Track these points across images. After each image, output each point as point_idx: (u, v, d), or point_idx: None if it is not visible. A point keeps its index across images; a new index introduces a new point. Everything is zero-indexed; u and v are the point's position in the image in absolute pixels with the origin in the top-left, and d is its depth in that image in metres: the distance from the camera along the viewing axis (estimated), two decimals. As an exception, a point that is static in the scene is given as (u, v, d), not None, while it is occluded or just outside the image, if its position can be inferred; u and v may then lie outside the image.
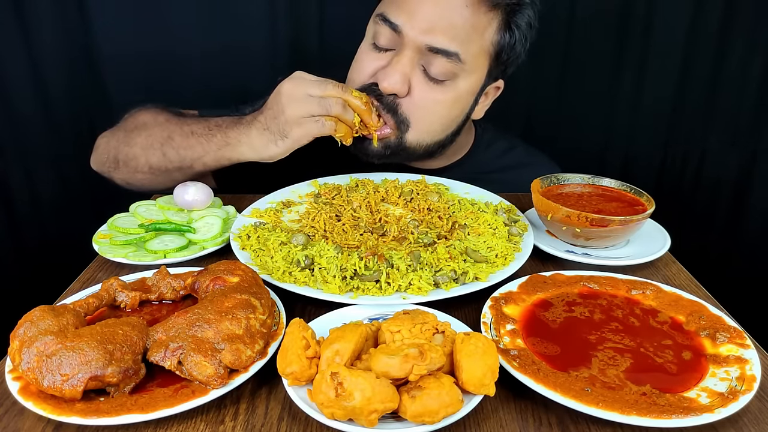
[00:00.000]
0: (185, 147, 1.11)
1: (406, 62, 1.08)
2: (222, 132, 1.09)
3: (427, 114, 1.12)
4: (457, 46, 1.06)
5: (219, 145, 1.09)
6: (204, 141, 1.10)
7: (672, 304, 0.84)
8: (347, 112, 1.02)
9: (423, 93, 1.10)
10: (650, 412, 0.63)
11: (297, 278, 0.86)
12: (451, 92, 1.12)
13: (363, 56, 1.17)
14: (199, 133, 1.11)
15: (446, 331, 0.69)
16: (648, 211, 0.99)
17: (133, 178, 1.20)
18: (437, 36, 1.06)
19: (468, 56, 1.08)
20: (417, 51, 1.08)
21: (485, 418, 0.66)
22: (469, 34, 1.07)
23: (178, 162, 1.12)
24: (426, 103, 1.11)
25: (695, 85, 1.82)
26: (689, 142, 1.90)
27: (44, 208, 1.79)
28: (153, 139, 1.14)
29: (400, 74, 1.08)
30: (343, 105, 1.01)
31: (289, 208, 1.11)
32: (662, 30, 1.75)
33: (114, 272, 0.95)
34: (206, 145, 1.10)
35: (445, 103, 1.13)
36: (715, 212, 1.97)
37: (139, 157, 1.15)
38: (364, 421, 0.59)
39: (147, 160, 1.15)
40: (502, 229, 0.99)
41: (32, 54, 1.63)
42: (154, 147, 1.14)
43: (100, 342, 0.64)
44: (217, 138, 1.09)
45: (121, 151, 1.18)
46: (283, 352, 0.66)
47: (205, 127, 1.11)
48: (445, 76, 1.09)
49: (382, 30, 1.11)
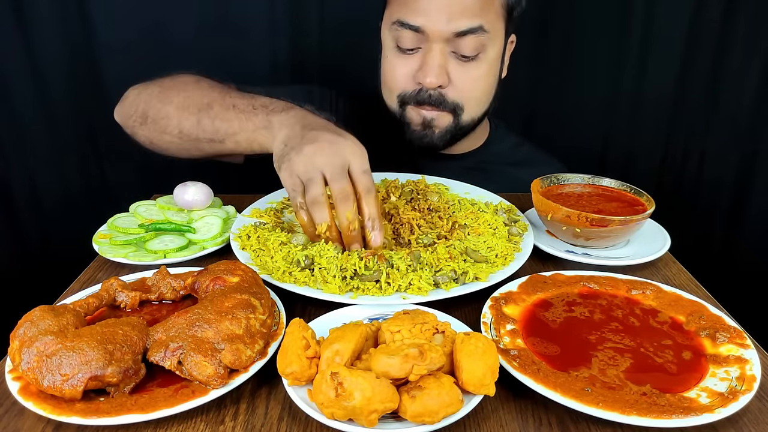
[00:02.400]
0: (223, 119, 1.04)
1: (438, 55, 1.14)
2: (266, 113, 1.00)
3: (472, 92, 1.20)
4: (479, 20, 1.12)
5: (257, 126, 1.00)
6: (243, 117, 1.02)
7: (672, 304, 0.84)
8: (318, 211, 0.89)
9: (462, 76, 1.17)
10: (650, 412, 0.63)
11: (297, 278, 0.86)
12: (485, 64, 1.18)
13: (393, 64, 1.20)
14: (241, 108, 1.03)
15: (446, 331, 0.69)
16: (648, 211, 0.99)
17: (159, 138, 1.13)
18: (459, 20, 1.11)
19: (489, 24, 1.14)
20: (445, 41, 1.13)
21: (485, 418, 0.66)
22: (483, 5, 1.13)
23: (211, 133, 1.05)
24: (468, 84, 1.18)
25: (695, 84, 1.82)
26: (689, 142, 1.90)
27: (44, 208, 1.79)
28: (191, 102, 1.07)
29: (437, 68, 1.14)
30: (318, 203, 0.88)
31: (290, 209, 1.11)
32: (662, 29, 1.74)
33: (114, 272, 0.95)
34: (245, 122, 1.01)
35: (483, 76, 1.20)
36: (716, 212, 1.97)
37: (172, 117, 1.08)
38: (364, 421, 0.59)
39: (179, 123, 1.08)
40: (502, 229, 0.99)
41: (32, 54, 1.62)
42: (190, 111, 1.07)
43: (100, 342, 0.64)
44: (259, 118, 1.00)
45: (153, 106, 1.11)
46: (283, 352, 0.66)
47: (249, 104, 1.03)
48: (476, 51, 1.15)
49: (404, 34, 1.14)
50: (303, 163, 0.89)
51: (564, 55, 1.80)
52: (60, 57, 1.64)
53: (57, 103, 1.69)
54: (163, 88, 1.13)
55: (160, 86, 1.14)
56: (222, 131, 1.04)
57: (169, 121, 1.09)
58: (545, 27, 1.75)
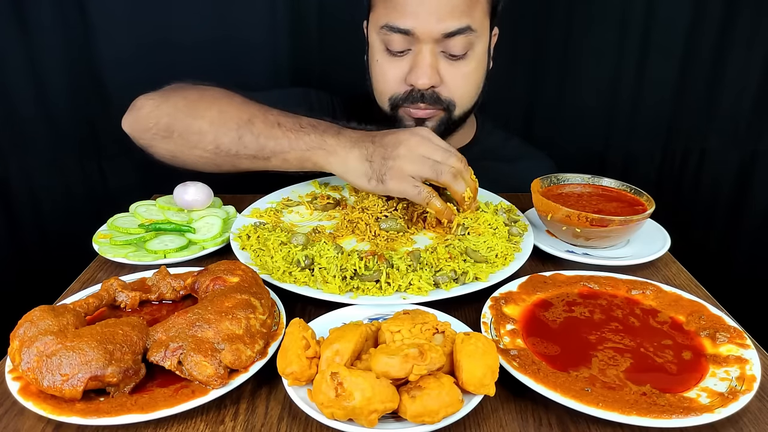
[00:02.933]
0: (268, 136, 1.03)
1: (428, 56, 1.14)
2: (318, 134, 1.02)
3: (464, 89, 1.21)
4: (466, 20, 1.13)
5: (310, 146, 1.02)
6: (293, 136, 1.02)
7: (672, 304, 0.84)
8: (458, 183, 0.98)
9: (453, 75, 1.18)
10: (650, 412, 0.63)
11: (297, 278, 0.86)
12: (473, 60, 1.19)
13: (383, 67, 1.20)
14: (287, 126, 1.04)
15: (446, 331, 0.69)
16: (648, 211, 0.99)
17: (187, 153, 1.08)
18: (448, 21, 1.11)
19: (476, 23, 1.15)
20: (434, 42, 1.13)
21: (485, 418, 0.66)
22: (470, 4, 1.13)
23: (255, 150, 1.04)
24: (459, 81, 1.19)
25: (695, 84, 1.82)
26: (689, 142, 1.90)
27: (44, 208, 1.79)
28: (228, 116, 1.05)
29: (429, 69, 1.14)
30: (455, 175, 0.98)
31: (290, 209, 1.11)
32: (663, 29, 1.74)
33: (114, 272, 0.95)
34: (294, 141, 1.02)
35: (473, 72, 1.21)
36: (716, 212, 1.97)
37: (207, 133, 1.05)
38: (364, 421, 0.59)
39: (215, 139, 1.05)
40: (502, 229, 0.99)
41: (32, 54, 1.62)
42: (228, 126, 1.04)
43: (100, 342, 0.64)
44: (311, 138, 1.02)
45: (180, 120, 1.07)
46: (283, 352, 0.66)
47: (296, 123, 1.04)
48: (465, 49, 1.16)
49: (393, 38, 1.15)
50: (408, 162, 0.97)
51: (564, 55, 1.80)
52: (60, 57, 1.64)
53: (57, 103, 1.68)
54: (189, 101, 1.08)
55: (185, 98, 1.09)
56: (269, 149, 1.03)
57: (203, 137, 1.06)
58: (546, 27, 1.75)
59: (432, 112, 1.21)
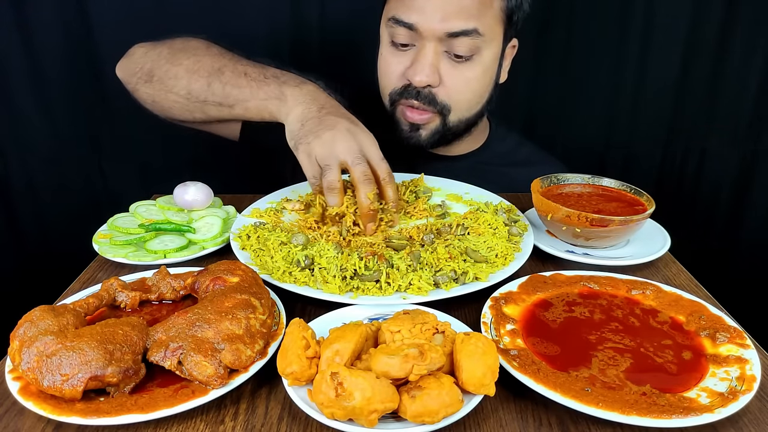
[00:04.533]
0: (234, 84, 1.08)
1: (430, 53, 1.13)
2: (278, 84, 1.05)
3: (463, 93, 1.19)
4: (474, 23, 1.11)
5: (269, 96, 1.05)
6: (255, 85, 1.07)
7: (672, 304, 0.84)
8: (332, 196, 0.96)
9: (454, 77, 1.16)
10: (650, 412, 0.63)
11: (297, 278, 0.86)
12: (479, 66, 1.17)
13: (387, 60, 1.20)
14: (252, 76, 1.08)
15: (446, 331, 0.69)
16: (648, 211, 0.99)
17: (163, 97, 1.16)
18: (453, 21, 1.10)
19: (485, 28, 1.13)
20: (438, 40, 1.12)
21: (485, 418, 0.66)
22: (480, 8, 1.11)
23: (221, 97, 1.09)
24: (459, 85, 1.17)
25: (695, 84, 1.82)
26: (689, 142, 1.90)
27: (44, 208, 1.79)
28: (201, 65, 1.11)
29: (428, 67, 1.13)
30: (333, 189, 0.95)
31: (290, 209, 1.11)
32: (663, 30, 1.75)
33: (114, 272, 0.95)
34: (256, 90, 1.06)
35: (476, 78, 1.18)
36: (715, 212, 1.98)
37: (181, 78, 1.12)
38: (364, 421, 0.59)
39: (188, 84, 1.11)
40: (502, 229, 0.99)
41: (32, 54, 1.63)
42: (200, 74, 1.11)
43: (100, 342, 0.64)
44: (271, 88, 1.05)
45: (160, 66, 1.15)
46: (283, 352, 0.66)
47: (261, 73, 1.08)
48: (470, 52, 1.14)
49: (398, 31, 1.14)
50: (322, 148, 0.95)
51: (565, 55, 1.80)
52: (60, 56, 1.64)
53: (57, 103, 1.69)
54: (173, 50, 1.16)
55: (170, 47, 1.17)
56: (233, 96, 1.08)
57: (178, 82, 1.12)
58: (546, 27, 1.75)
59: (426, 117, 1.19)
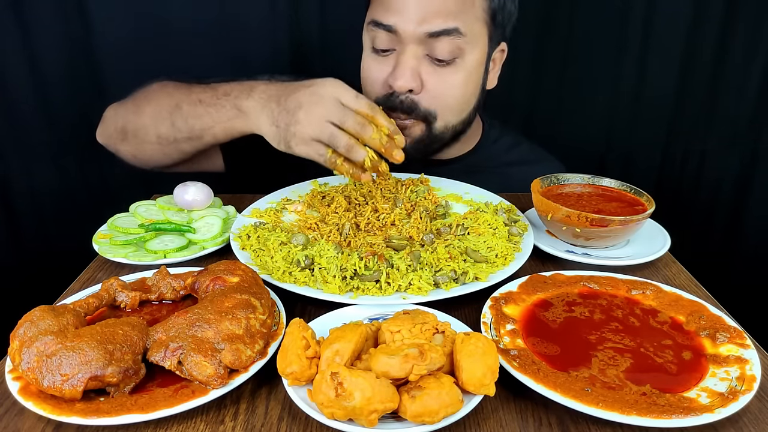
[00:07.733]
0: (193, 116, 1.08)
1: (411, 57, 1.10)
2: (231, 102, 1.04)
3: (446, 99, 1.15)
4: (454, 22, 1.08)
5: (229, 116, 1.05)
6: (213, 111, 1.06)
7: (672, 304, 0.84)
8: (356, 152, 0.96)
9: (436, 82, 1.12)
10: (650, 412, 0.63)
11: (297, 278, 0.86)
12: (462, 70, 1.14)
13: (368, 66, 1.18)
14: (207, 102, 1.07)
15: (446, 331, 0.69)
16: (648, 211, 0.99)
17: (140, 150, 1.17)
18: (432, 21, 1.07)
19: (467, 27, 1.10)
20: (418, 42, 1.09)
21: (485, 418, 0.66)
22: (460, 7, 1.09)
23: (187, 132, 1.09)
24: (442, 90, 1.13)
25: (695, 85, 1.82)
26: (689, 142, 1.90)
27: (44, 208, 1.79)
28: (162, 107, 1.11)
29: (409, 71, 1.10)
30: (351, 146, 0.95)
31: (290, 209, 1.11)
32: (663, 30, 1.74)
33: (114, 272, 0.95)
34: (215, 115, 1.06)
35: (459, 83, 1.15)
36: (715, 212, 1.97)
37: (148, 127, 1.13)
38: (364, 421, 0.59)
39: (156, 130, 1.12)
40: (502, 229, 0.99)
41: (32, 53, 1.62)
42: (162, 116, 1.11)
43: (100, 342, 0.64)
44: (227, 108, 1.05)
45: (129, 121, 1.16)
46: (283, 352, 0.66)
47: (213, 96, 1.07)
48: (452, 55, 1.11)
49: (378, 35, 1.12)
50: (308, 127, 0.95)
51: (565, 55, 1.80)
52: (60, 56, 1.64)
53: (57, 103, 1.68)
54: (136, 102, 1.17)
55: (134, 101, 1.18)
56: (197, 128, 1.08)
57: (147, 131, 1.13)
58: (546, 27, 1.75)
59: (408, 123, 1.15)
